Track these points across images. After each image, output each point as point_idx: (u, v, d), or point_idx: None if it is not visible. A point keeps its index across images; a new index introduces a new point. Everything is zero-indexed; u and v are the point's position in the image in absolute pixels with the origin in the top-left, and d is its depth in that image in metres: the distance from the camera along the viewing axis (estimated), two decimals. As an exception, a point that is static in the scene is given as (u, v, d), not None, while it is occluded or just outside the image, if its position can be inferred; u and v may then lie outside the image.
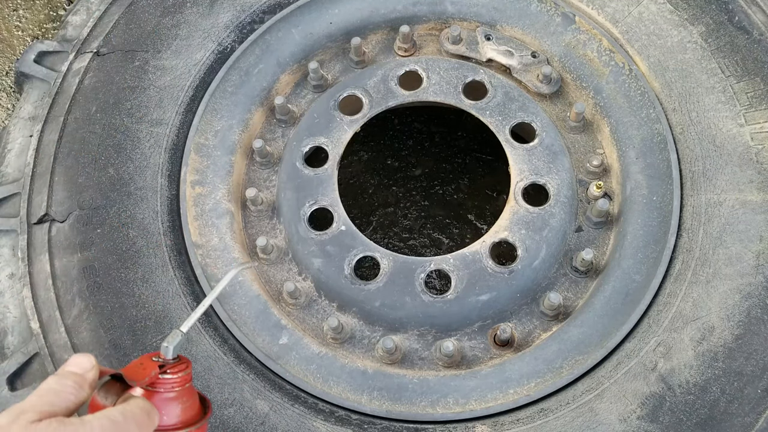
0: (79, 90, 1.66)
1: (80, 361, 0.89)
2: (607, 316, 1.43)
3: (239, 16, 1.74)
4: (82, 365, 0.88)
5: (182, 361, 0.93)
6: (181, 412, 0.91)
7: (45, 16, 2.40)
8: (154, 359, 0.91)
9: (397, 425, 1.37)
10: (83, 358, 0.89)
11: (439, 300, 1.48)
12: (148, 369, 0.89)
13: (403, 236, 2.18)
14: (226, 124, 1.68)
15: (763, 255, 1.40)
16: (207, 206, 1.59)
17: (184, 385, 0.92)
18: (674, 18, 1.64)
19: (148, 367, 0.89)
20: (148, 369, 0.89)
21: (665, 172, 1.52)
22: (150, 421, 0.86)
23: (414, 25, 1.79)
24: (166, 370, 0.90)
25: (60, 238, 1.52)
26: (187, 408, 0.92)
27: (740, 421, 1.28)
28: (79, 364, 0.89)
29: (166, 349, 0.91)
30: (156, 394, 0.89)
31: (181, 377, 0.91)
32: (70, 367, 0.88)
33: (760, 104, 1.52)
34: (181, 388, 0.91)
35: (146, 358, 0.91)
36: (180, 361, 0.93)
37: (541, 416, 1.34)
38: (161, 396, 0.89)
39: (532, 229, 1.52)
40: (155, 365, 0.89)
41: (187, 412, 0.92)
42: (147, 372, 0.88)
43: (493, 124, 1.63)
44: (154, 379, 0.89)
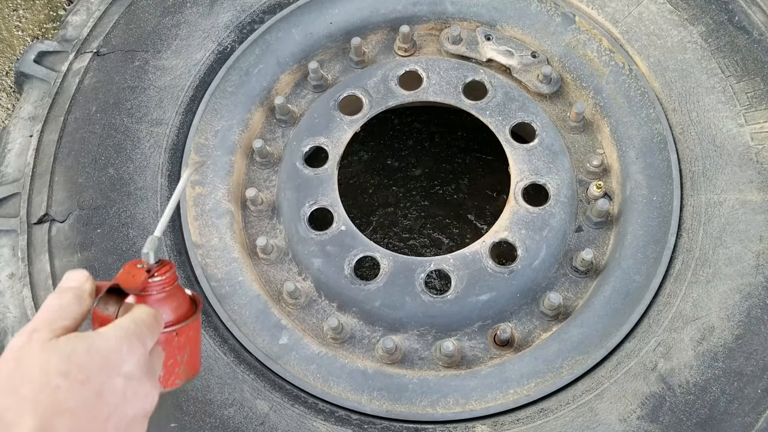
0: (79, 90, 1.66)
1: (74, 276, 0.89)
2: (607, 316, 1.43)
3: (239, 16, 1.74)
4: (78, 279, 0.89)
5: (165, 264, 0.95)
6: (175, 309, 0.95)
7: (45, 16, 2.40)
8: (139, 266, 0.93)
9: (397, 425, 1.37)
10: (76, 272, 0.90)
11: (439, 300, 1.48)
12: (137, 276, 0.91)
13: (403, 236, 2.18)
14: (226, 124, 1.68)
15: (763, 255, 1.40)
16: (207, 206, 1.59)
17: (173, 284, 0.95)
18: (674, 18, 1.64)
19: (137, 274, 0.92)
20: (138, 276, 0.91)
21: (665, 172, 1.52)
22: (158, 324, 0.88)
23: (414, 25, 1.79)
24: (153, 273, 0.92)
25: (60, 238, 1.52)
26: (179, 305, 0.96)
27: (740, 421, 1.28)
28: (74, 278, 0.89)
29: (147, 255, 0.93)
30: (149, 297, 0.92)
31: (169, 277, 0.94)
32: (66, 282, 0.89)
33: (760, 104, 1.52)
34: (170, 287, 0.94)
35: (131, 267, 0.94)
36: (163, 264, 0.95)
37: (541, 416, 1.34)
38: (154, 298, 0.92)
39: (532, 229, 1.52)
40: (142, 271, 0.92)
41: (180, 308, 0.96)
42: (138, 279, 0.91)
43: (493, 124, 1.63)
44: (145, 284, 0.92)
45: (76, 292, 0.87)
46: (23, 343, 0.78)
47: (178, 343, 0.94)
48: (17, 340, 0.80)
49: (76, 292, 0.87)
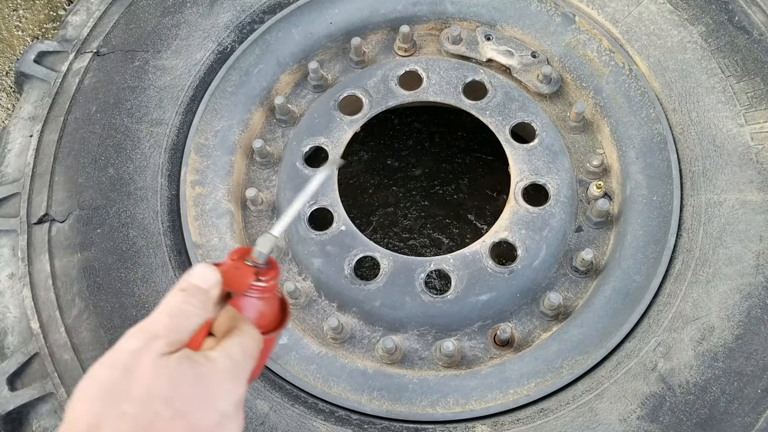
0: (79, 90, 1.66)
1: (205, 274, 0.81)
2: (607, 316, 1.43)
3: (239, 16, 1.74)
4: (208, 279, 0.81)
5: (273, 267, 0.89)
6: (264, 317, 0.88)
7: (45, 16, 2.40)
8: (248, 263, 0.87)
9: (397, 425, 1.37)
10: (208, 270, 0.82)
11: (439, 300, 1.48)
12: (245, 276, 0.85)
13: (403, 236, 2.18)
14: (226, 124, 1.68)
15: (763, 255, 1.40)
16: (207, 206, 1.59)
17: (272, 292, 0.89)
18: (674, 18, 1.64)
19: (245, 274, 0.85)
20: (246, 276, 0.85)
21: (665, 172, 1.52)
22: (259, 350, 0.83)
23: (414, 25, 1.79)
24: (259, 276, 0.86)
25: (60, 238, 1.52)
26: (269, 313, 0.89)
27: (740, 421, 1.28)
28: (205, 277, 0.81)
29: (260, 255, 0.87)
30: (244, 298, 0.86)
31: (272, 284, 0.88)
32: (195, 279, 0.81)
33: (760, 104, 1.52)
34: (269, 294, 0.88)
35: (240, 261, 0.87)
36: (270, 267, 0.89)
37: (541, 416, 1.34)
38: (248, 300, 0.87)
39: (532, 229, 1.52)
40: (251, 272, 0.85)
41: (269, 317, 0.90)
42: (245, 281, 0.84)
43: (493, 124, 1.63)
44: (249, 286, 0.86)
45: (203, 298, 0.80)
46: (138, 348, 0.74)
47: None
48: (133, 342, 0.75)
49: (203, 299, 0.80)
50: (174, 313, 0.78)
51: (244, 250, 0.89)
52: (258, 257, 0.87)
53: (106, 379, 0.73)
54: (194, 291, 0.80)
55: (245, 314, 0.86)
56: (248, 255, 0.88)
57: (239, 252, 0.89)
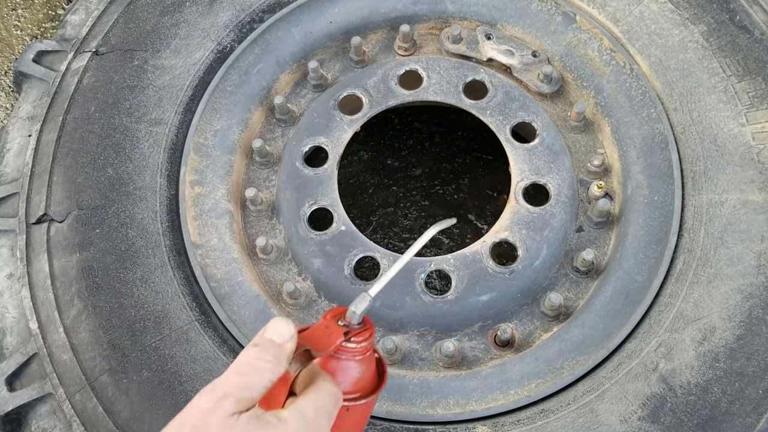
0: (77, 89, 1.65)
1: (281, 329, 0.80)
2: (608, 317, 1.43)
3: (239, 16, 1.73)
4: (282, 334, 0.79)
5: (366, 327, 0.86)
6: (357, 381, 0.86)
7: (44, 15, 2.39)
8: (340, 323, 0.84)
9: (397, 426, 1.36)
10: (284, 325, 0.80)
11: (439, 300, 1.47)
12: (334, 335, 0.83)
13: (403, 236, 2.18)
14: (226, 123, 1.67)
15: (764, 255, 1.39)
16: (206, 206, 1.59)
17: (365, 354, 0.86)
18: (675, 17, 1.63)
19: (334, 332, 0.83)
20: (334, 335, 0.83)
21: (666, 171, 1.51)
22: (336, 407, 0.80)
23: (414, 25, 1.79)
24: (350, 337, 0.84)
25: (59, 238, 1.51)
26: (363, 377, 0.87)
27: (741, 421, 1.28)
28: (280, 332, 0.79)
29: (353, 314, 0.84)
30: (336, 360, 0.84)
31: (364, 347, 0.85)
32: (270, 334, 0.79)
33: (761, 104, 1.52)
34: (362, 356, 0.85)
35: (332, 321, 0.85)
36: (364, 327, 0.85)
37: (542, 417, 1.34)
38: (341, 363, 0.84)
39: (533, 229, 1.52)
40: (341, 331, 0.83)
41: (363, 381, 0.87)
42: (333, 339, 0.82)
43: (493, 123, 1.63)
44: (339, 347, 0.84)
45: (276, 353, 0.78)
46: (208, 409, 0.73)
47: (346, 418, 0.84)
48: (203, 402, 0.74)
49: (277, 354, 0.78)
50: (244, 370, 0.76)
51: (338, 311, 0.87)
52: (351, 317, 0.85)
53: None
54: (267, 346, 0.78)
55: (337, 377, 0.83)
56: (342, 315, 0.85)
57: (333, 312, 0.87)
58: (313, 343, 0.82)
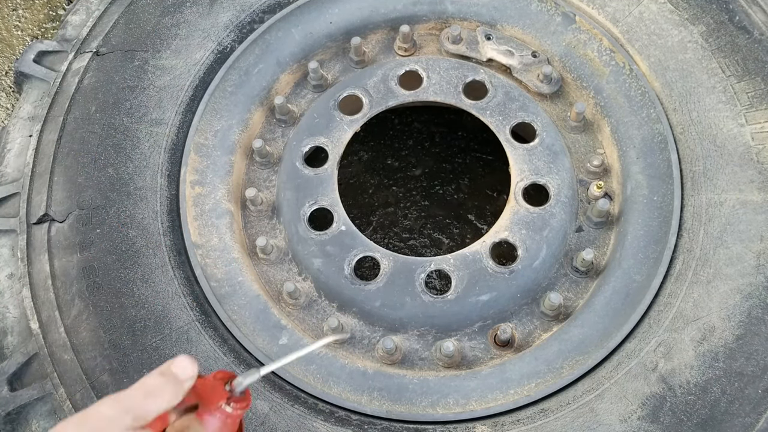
0: (78, 90, 1.66)
1: (186, 368, 0.91)
2: (608, 317, 1.43)
3: (239, 16, 1.73)
4: (187, 372, 0.90)
5: (246, 399, 0.97)
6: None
7: (44, 15, 2.39)
8: (226, 387, 0.95)
9: (397, 426, 1.37)
10: (189, 364, 0.91)
11: (439, 300, 1.48)
12: (217, 396, 0.94)
13: (403, 236, 2.18)
14: (226, 124, 1.67)
15: (763, 255, 1.40)
16: (207, 206, 1.59)
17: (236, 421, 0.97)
18: (675, 17, 1.64)
19: (218, 394, 0.94)
20: (218, 397, 0.94)
21: (666, 172, 1.52)
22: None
23: (414, 25, 1.79)
24: (230, 402, 0.94)
25: (59, 238, 1.51)
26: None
27: (741, 421, 1.28)
28: (185, 369, 0.90)
29: (240, 384, 0.95)
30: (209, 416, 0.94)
31: (237, 414, 0.96)
32: (176, 369, 0.90)
33: (760, 104, 1.52)
34: (232, 422, 0.96)
35: (220, 381, 0.95)
36: (244, 398, 0.97)
37: (542, 416, 1.34)
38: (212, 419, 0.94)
39: (533, 229, 1.52)
40: (224, 396, 0.94)
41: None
42: (215, 400, 0.94)
43: (493, 123, 1.63)
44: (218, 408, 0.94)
45: (176, 388, 0.89)
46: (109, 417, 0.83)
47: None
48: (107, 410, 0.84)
49: (177, 389, 0.89)
50: (149, 392, 0.87)
51: (227, 375, 0.97)
52: (237, 386, 0.95)
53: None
54: (171, 379, 0.89)
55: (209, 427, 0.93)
56: (230, 380, 0.96)
57: (223, 374, 0.97)
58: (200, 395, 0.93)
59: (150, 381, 0.88)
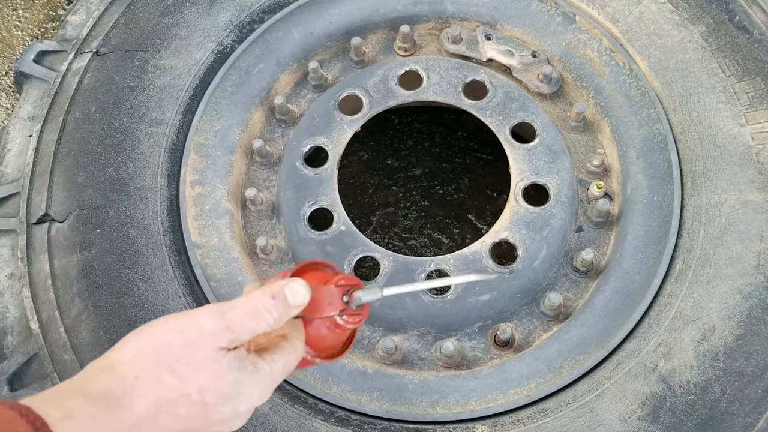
0: (78, 90, 1.66)
1: (299, 292, 0.86)
2: (608, 317, 1.43)
3: (239, 16, 1.73)
4: (297, 300, 0.85)
5: (362, 313, 0.91)
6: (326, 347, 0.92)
7: (44, 15, 2.39)
8: (344, 298, 0.90)
9: (397, 426, 1.37)
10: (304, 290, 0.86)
11: (439, 300, 1.48)
12: (332, 306, 0.89)
13: (403, 236, 2.18)
14: (226, 123, 1.67)
15: (763, 255, 1.40)
16: (207, 206, 1.59)
17: (344, 332, 0.93)
18: (675, 18, 1.64)
19: (334, 304, 0.89)
20: (333, 307, 0.89)
21: (666, 172, 1.52)
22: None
23: (414, 25, 1.79)
24: (343, 314, 0.90)
25: (59, 238, 1.51)
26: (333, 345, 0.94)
27: (741, 421, 1.28)
28: (297, 295, 0.85)
29: (359, 299, 0.90)
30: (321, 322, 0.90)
31: (350, 328, 0.91)
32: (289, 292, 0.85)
33: (760, 104, 1.52)
34: (341, 332, 0.92)
35: (338, 292, 0.90)
36: (360, 313, 0.91)
37: (542, 416, 1.34)
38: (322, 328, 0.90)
39: (533, 229, 1.52)
40: (339, 307, 0.89)
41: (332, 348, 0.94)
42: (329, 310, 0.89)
43: (493, 123, 1.63)
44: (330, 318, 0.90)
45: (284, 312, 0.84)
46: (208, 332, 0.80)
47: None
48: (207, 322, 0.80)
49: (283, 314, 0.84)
50: (253, 314, 0.83)
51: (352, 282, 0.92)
52: (356, 300, 0.90)
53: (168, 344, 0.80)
54: (281, 304, 0.84)
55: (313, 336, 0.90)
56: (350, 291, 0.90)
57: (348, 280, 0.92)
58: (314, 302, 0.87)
59: (258, 301, 0.83)
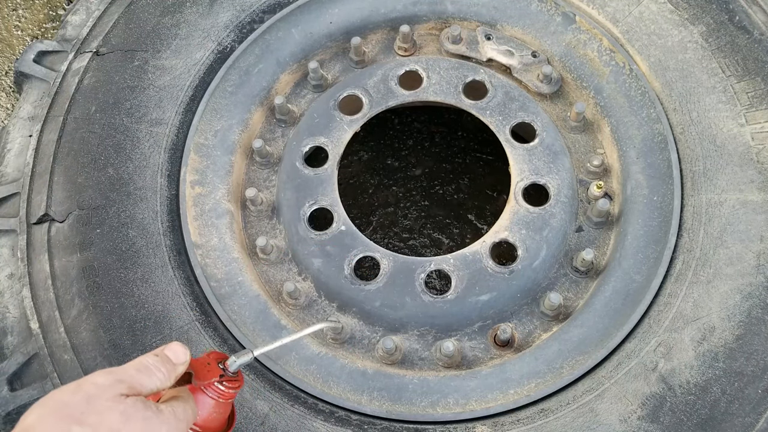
0: (78, 90, 1.66)
1: (179, 352, 0.95)
2: (608, 317, 1.43)
3: (239, 16, 1.73)
4: (179, 357, 0.95)
5: (238, 379, 1.00)
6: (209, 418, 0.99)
7: (44, 15, 2.39)
8: (219, 365, 0.98)
9: (397, 425, 1.37)
10: (182, 350, 0.95)
11: (439, 300, 1.48)
12: (211, 373, 0.97)
13: (403, 236, 2.18)
14: (226, 124, 1.67)
15: (763, 255, 1.40)
16: (207, 206, 1.59)
17: (227, 400, 1.00)
18: (675, 18, 1.64)
19: (212, 371, 0.97)
20: (212, 374, 0.97)
21: (666, 172, 1.52)
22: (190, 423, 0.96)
23: (414, 25, 1.79)
24: (223, 380, 0.98)
25: (59, 238, 1.51)
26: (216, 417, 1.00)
27: (741, 421, 1.28)
28: (177, 354, 0.95)
29: (233, 363, 0.98)
30: (202, 393, 0.97)
31: (230, 393, 0.99)
32: (169, 353, 0.94)
33: (760, 104, 1.52)
34: (224, 400, 0.99)
35: (213, 360, 0.99)
36: (237, 378, 0.99)
37: (542, 416, 1.34)
38: (205, 397, 0.98)
39: (533, 229, 1.52)
40: (218, 373, 0.97)
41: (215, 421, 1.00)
42: (209, 376, 0.97)
43: (493, 123, 1.63)
44: (211, 384, 0.98)
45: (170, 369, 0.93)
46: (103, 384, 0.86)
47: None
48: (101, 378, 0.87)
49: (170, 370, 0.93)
50: (140, 368, 0.91)
51: (221, 355, 1.01)
52: (230, 365, 0.99)
53: (67, 402, 0.85)
54: (165, 360, 0.93)
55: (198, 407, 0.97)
56: (224, 360, 0.99)
57: (216, 354, 1.01)
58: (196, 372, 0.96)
59: (144, 359, 0.92)
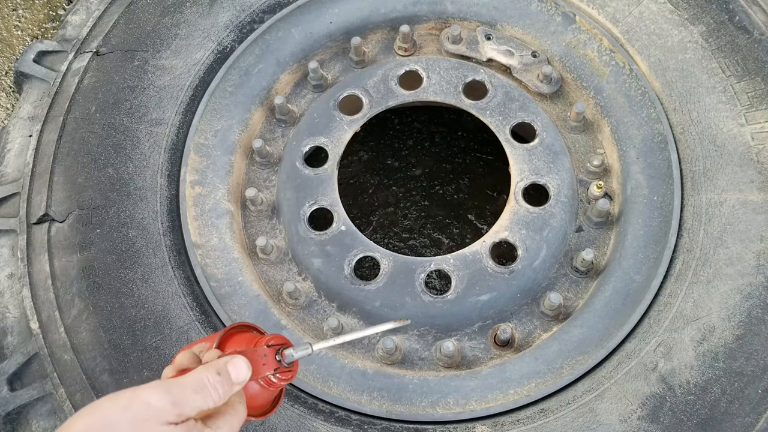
0: (78, 90, 1.66)
1: (242, 372, 0.90)
2: (608, 317, 1.43)
3: (239, 16, 1.73)
4: (241, 375, 0.90)
5: (293, 370, 0.97)
6: (259, 404, 0.99)
7: (44, 15, 2.39)
8: (277, 357, 0.95)
9: (397, 425, 1.37)
10: (245, 369, 0.91)
11: (439, 300, 1.48)
12: (266, 367, 0.94)
13: (403, 236, 2.18)
14: (226, 124, 1.67)
15: (763, 255, 1.40)
16: (207, 206, 1.59)
17: (277, 390, 0.99)
18: (675, 18, 1.64)
19: (268, 364, 0.94)
20: (267, 367, 0.94)
21: (666, 172, 1.52)
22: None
23: (414, 25, 1.79)
24: (276, 372, 0.95)
25: (59, 238, 1.51)
26: (265, 403, 1.00)
27: (741, 421, 1.28)
28: (239, 374, 0.90)
29: (290, 356, 0.96)
30: (255, 383, 0.95)
31: (280, 384, 0.97)
32: (232, 370, 0.90)
33: (760, 104, 1.52)
34: (274, 389, 0.98)
35: (271, 352, 0.95)
36: (291, 369, 0.97)
37: (542, 416, 1.34)
38: (258, 388, 0.96)
39: (533, 229, 1.52)
40: (273, 366, 0.95)
41: (264, 405, 1.00)
42: (264, 370, 0.94)
43: (493, 123, 1.63)
44: (265, 377, 0.95)
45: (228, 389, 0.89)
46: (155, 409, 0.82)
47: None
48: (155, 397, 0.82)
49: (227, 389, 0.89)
50: (199, 390, 0.86)
51: (282, 340, 0.97)
52: (288, 357, 0.96)
53: (114, 422, 0.80)
54: (225, 380, 0.88)
55: (248, 396, 0.95)
56: (281, 349, 0.96)
57: (277, 339, 0.97)
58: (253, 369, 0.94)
59: (204, 376, 0.87)
